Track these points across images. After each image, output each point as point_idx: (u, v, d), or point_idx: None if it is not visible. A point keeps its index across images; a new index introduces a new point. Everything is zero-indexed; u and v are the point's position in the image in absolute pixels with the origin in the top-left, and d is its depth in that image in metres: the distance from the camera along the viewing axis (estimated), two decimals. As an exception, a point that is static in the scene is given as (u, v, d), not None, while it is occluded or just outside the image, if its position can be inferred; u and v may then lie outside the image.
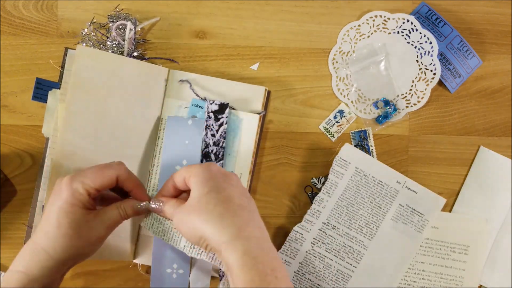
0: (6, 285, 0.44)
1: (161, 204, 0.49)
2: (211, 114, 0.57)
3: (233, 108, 0.60)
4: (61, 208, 0.45)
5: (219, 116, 0.57)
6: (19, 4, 0.60)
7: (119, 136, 0.57)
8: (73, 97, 0.55)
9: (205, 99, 0.59)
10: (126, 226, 0.57)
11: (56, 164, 0.54)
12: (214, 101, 0.58)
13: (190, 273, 0.57)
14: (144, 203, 0.50)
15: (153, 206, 0.50)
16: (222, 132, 0.56)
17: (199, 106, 0.59)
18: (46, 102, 0.58)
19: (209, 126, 0.56)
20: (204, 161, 0.57)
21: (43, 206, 0.56)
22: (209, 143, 0.56)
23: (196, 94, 0.59)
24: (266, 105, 0.61)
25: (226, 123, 0.57)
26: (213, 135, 0.56)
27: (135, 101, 0.58)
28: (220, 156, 0.57)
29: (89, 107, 0.56)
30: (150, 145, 0.59)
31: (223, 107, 0.57)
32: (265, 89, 0.60)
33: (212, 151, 0.57)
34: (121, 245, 0.57)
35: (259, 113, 0.60)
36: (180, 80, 0.59)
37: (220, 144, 0.56)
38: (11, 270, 0.45)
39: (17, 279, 0.44)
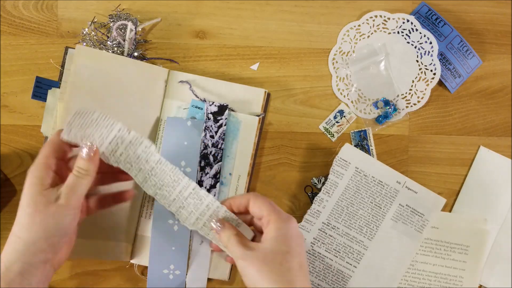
0: None
1: (220, 225, 0.50)
2: (210, 116, 0.57)
3: (233, 110, 0.60)
4: (23, 192, 0.45)
5: (218, 118, 0.57)
6: (19, 4, 0.60)
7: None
8: (71, 96, 0.55)
9: (204, 101, 0.59)
10: (123, 227, 0.57)
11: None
12: (213, 102, 0.58)
13: (187, 274, 0.57)
14: (85, 148, 0.47)
15: (213, 226, 0.51)
16: (221, 134, 0.56)
17: (199, 108, 0.59)
18: (45, 101, 0.58)
19: (208, 127, 0.56)
20: (203, 162, 0.57)
21: None
22: (208, 144, 0.56)
23: (195, 95, 0.59)
24: (265, 107, 0.61)
25: (225, 125, 0.57)
26: (212, 137, 0.56)
27: (134, 102, 0.58)
28: (218, 157, 0.57)
29: (87, 107, 0.56)
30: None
31: (222, 108, 0.57)
32: (265, 91, 0.60)
33: (210, 152, 0.57)
34: (118, 245, 0.57)
35: (258, 115, 0.60)
36: (180, 81, 0.59)
37: (219, 146, 0.56)
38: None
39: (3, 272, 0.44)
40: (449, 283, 0.61)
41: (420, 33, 0.63)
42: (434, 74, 0.63)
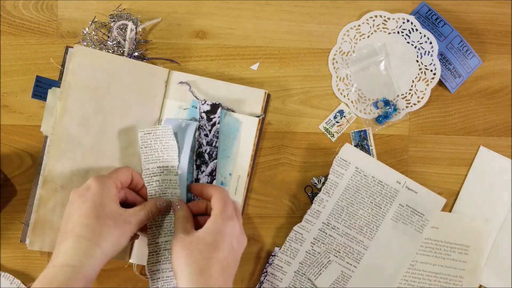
0: (50, 284, 0.43)
1: (179, 206, 0.53)
2: (203, 115, 0.57)
3: (233, 111, 0.60)
4: (96, 202, 0.48)
5: (212, 116, 0.57)
6: (19, 4, 0.60)
7: (117, 135, 0.57)
8: (69, 95, 0.56)
9: (205, 101, 0.59)
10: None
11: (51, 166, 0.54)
12: (205, 101, 0.58)
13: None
14: (165, 199, 0.54)
15: (176, 203, 0.54)
16: (215, 132, 0.56)
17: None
18: (45, 100, 0.58)
19: (202, 126, 0.56)
20: (198, 160, 0.57)
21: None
22: (202, 143, 0.56)
23: (195, 96, 0.59)
24: (265, 108, 0.61)
25: (218, 123, 0.57)
26: (206, 135, 0.57)
27: (134, 102, 0.58)
28: (213, 155, 0.57)
29: (84, 106, 0.56)
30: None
31: (215, 107, 0.57)
32: (265, 92, 0.60)
33: (205, 150, 0.57)
34: None
35: (258, 116, 0.60)
36: (180, 82, 0.59)
37: (214, 144, 0.56)
38: (51, 266, 0.45)
39: (61, 274, 0.43)
40: (449, 283, 0.61)
41: (420, 33, 0.63)
42: (434, 74, 0.63)
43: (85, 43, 0.59)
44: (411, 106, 0.63)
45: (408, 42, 0.63)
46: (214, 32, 0.62)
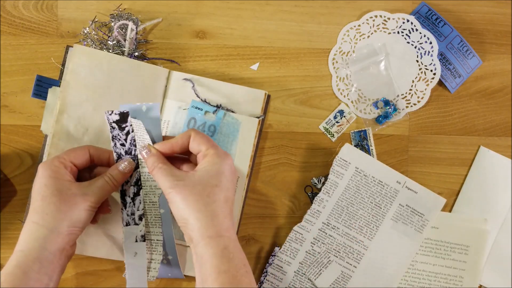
0: (6, 266, 0.45)
1: (149, 152, 0.51)
2: (114, 125, 0.53)
3: (232, 111, 0.60)
4: (41, 183, 0.47)
5: (123, 125, 0.53)
6: (19, 4, 0.60)
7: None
8: (68, 95, 0.56)
9: (205, 101, 0.59)
10: (120, 226, 0.57)
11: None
12: (113, 111, 0.52)
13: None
14: (127, 159, 0.52)
15: (143, 152, 0.51)
16: (131, 140, 0.53)
17: (199, 108, 0.59)
18: (46, 100, 0.58)
19: (115, 136, 0.53)
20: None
21: None
22: (121, 153, 0.53)
23: (197, 95, 0.59)
24: (265, 109, 0.61)
25: (132, 131, 0.53)
26: (122, 145, 0.53)
27: (134, 102, 0.58)
28: (136, 164, 0.54)
29: (84, 105, 0.56)
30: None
31: (124, 115, 0.52)
32: (265, 93, 0.60)
33: None
34: (114, 244, 0.57)
35: (258, 117, 0.60)
36: (184, 79, 0.59)
37: (132, 153, 0.53)
38: (14, 252, 0.47)
39: (14, 259, 0.45)
40: (449, 283, 0.61)
41: (420, 33, 0.63)
42: (434, 74, 0.63)
43: (85, 43, 0.59)
44: (411, 106, 0.63)
45: (408, 42, 0.63)
46: (214, 32, 0.62)
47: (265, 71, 0.62)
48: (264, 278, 0.60)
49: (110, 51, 0.59)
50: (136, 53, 0.60)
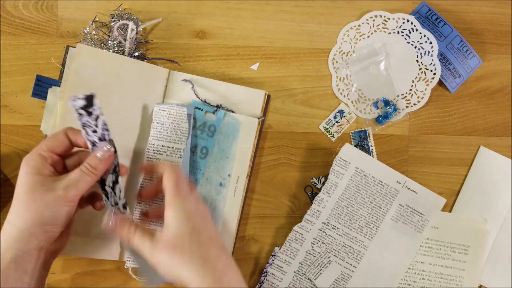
0: None
1: (107, 148, 0.47)
2: (81, 111, 0.46)
3: (232, 111, 0.60)
4: (19, 180, 0.46)
5: (90, 110, 0.47)
6: (19, 4, 0.60)
7: (117, 135, 0.57)
8: (70, 94, 0.55)
9: (205, 101, 0.59)
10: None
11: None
12: (76, 96, 0.46)
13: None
14: (104, 143, 0.47)
15: (106, 148, 0.48)
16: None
17: (199, 108, 0.59)
18: (45, 99, 0.58)
19: (85, 123, 0.47)
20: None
21: None
22: (94, 140, 0.48)
23: (196, 95, 0.59)
24: (265, 109, 0.61)
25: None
26: (95, 132, 0.48)
27: (134, 101, 0.58)
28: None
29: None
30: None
31: (89, 99, 0.47)
32: (265, 93, 0.60)
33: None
34: (109, 244, 0.57)
35: (258, 118, 0.60)
36: (183, 80, 0.59)
37: (106, 137, 0.48)
38: None
39: None
40: (449, 283, 0.61)
41: (420, 33, 0.63)
42: (434, 74, 0.63)
43: (85, 42, 0.59)
44: (411, 106, 0.63)
45: (408, 42, 0.63)
46: (214, 32, 0.62)
47: (265, 71, 0.62)
48: (264, 278, 0.60)
49: (110, 51, 0.59)
50: (136, 53, 0.60)
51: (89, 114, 0.47)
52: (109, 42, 0.59)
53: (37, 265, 0.46)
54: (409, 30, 0.63)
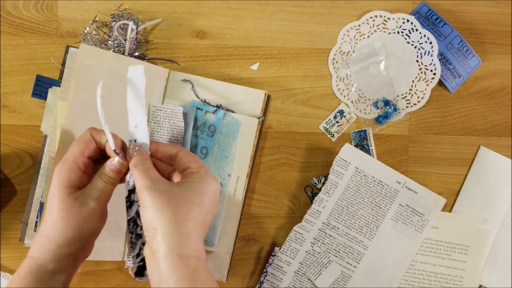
0: (19, 271, 0.45)
1: (137, 148, 0.46)
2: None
3: (232, 111, 0.60)
4: (51, 193, 0.46)
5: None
6: (19, 4, 0.60)
7: (117, 135, 0.57)
8: (76, 96, 0.55)
9: (204, 101, 0.59)
10: (121, 227, 0.57)
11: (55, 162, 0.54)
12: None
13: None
14: (116, 157, 0.46)
15: (130, 150, 0.46)
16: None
17: (199, 108, 0.59)
18: (45, 99, 0.58)
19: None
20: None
21: (40, 202, 0.56)
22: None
23: (196, 95, 0.59)
24: (265, 109, 0.61)
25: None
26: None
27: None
28: None
29: (90, 106, 0.56)
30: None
31: None
32: (265, 93, 0.60)
33: None
34: (115, 245, 0.57)
35: (258, 118, 0.60)
36: (183, 80, 0.59)
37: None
38: (26, 258, 0.46)
39: (27, 264, 0.45)
40: (449, 283, 0.61)
41: (420, 33, 0.63)
42: (434, 74, 0.63)
43: (86, 42, 0.59)
44: (411, 106, 0.63)
45: (408, 42, 0.63)
46: (214, 32, 0.62)
47: (265, 71, 0.62)
48: (264, 278, 0.60)
49: (111, 51, 0.59)
50: (136, 53, 0.60)
51: None
52: (109, 42, 0.59)
53: (70, 275, 0.47)
54: (409, 30, 0.63)
